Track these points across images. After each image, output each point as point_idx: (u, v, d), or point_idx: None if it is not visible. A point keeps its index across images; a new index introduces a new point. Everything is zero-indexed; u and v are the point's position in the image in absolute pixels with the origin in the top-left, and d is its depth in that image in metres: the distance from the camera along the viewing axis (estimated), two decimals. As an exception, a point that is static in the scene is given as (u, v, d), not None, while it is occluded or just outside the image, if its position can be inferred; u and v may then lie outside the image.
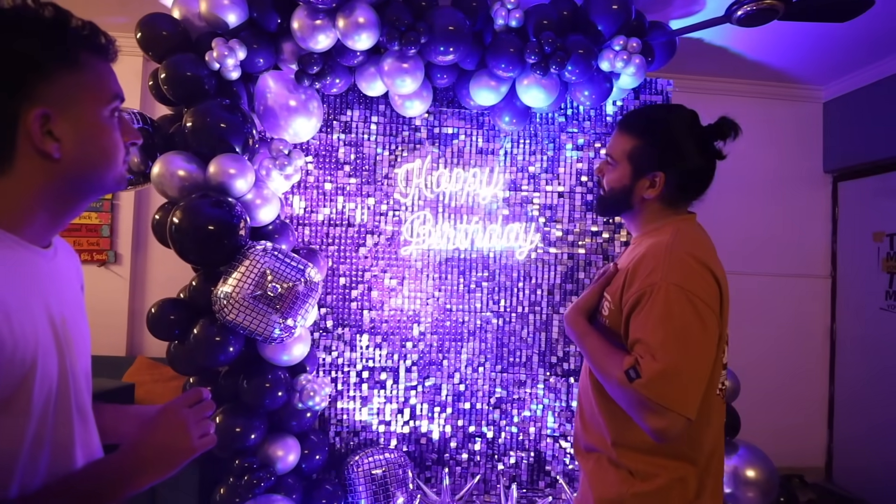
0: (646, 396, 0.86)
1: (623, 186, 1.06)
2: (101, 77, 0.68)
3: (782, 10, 1.63)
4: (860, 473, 3.03)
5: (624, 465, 1.01)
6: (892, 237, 2.87)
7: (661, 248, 0.97)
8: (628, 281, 0.98)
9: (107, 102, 0.68)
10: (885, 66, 2.82)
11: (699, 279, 0.94)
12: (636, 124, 1.08)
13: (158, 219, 1.82)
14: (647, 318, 0.92)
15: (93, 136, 0.67)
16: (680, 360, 0.87)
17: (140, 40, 1.83)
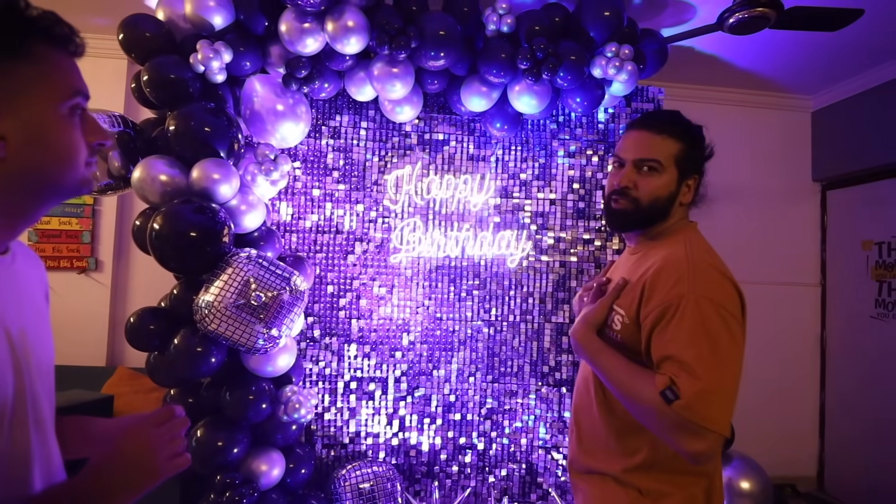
0: (686, 418, 0.81)
1: (670, 193, 1.02)
2: (59, 71, 0.63)
3: (774, 19, 1.62)
4: (852, 482, 3.02)
5: (634, 484, 0.97)
6: (881, 245, 2.88)
7: (681, 259, 0.94)
8: (647, 293, 0.93)
9: (65, 98, 0.63)
10: (872, 76, 2.85)
11: (725, 291, 0.91)
12: (676, 127, 1.04)
13: (139, 225, 1.76)
14: (676, 332, 0.87)
15: (45, 134, 0.61)
16: (718, 377, 0.83)
17: (122, 41, 1.79)
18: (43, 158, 0.62)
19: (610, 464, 1.00)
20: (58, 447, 0.70)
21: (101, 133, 0.67)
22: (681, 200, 1.04)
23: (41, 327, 0.70)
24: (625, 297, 0.99)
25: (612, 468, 0.99)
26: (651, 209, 1.02)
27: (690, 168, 1.03)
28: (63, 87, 0.63)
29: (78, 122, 0.65)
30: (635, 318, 0.95)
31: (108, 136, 0.69)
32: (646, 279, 0.95)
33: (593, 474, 1.05)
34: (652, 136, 1.02)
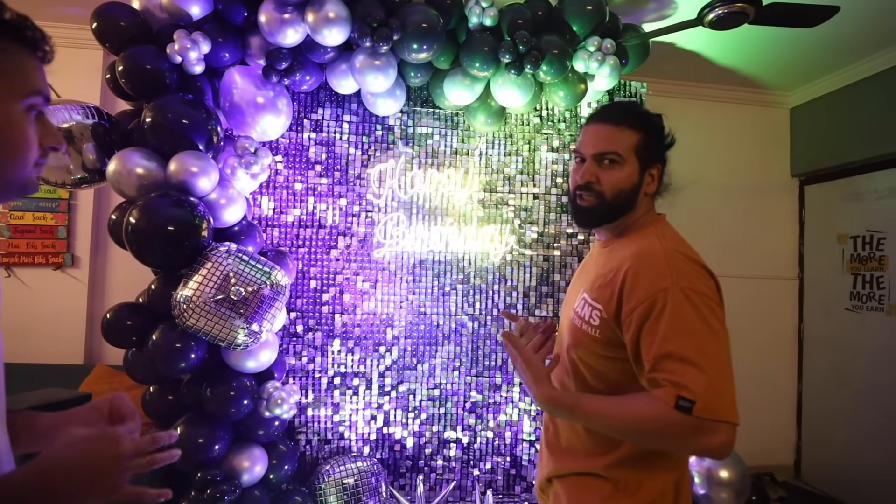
0: (705, 418, 0.80)
1: (632, 185, 1.01)
2: (21, 70, 0.63)
3: (752, 15, 1.64)
4: (827, 470, 3.10)
5: (612, 478, 0.97)
6: (855, 239, 2.95)
7: (658, 252, 0.93)
8: (628, 289, 0.91)
9: (21, 97, 0.62)
10: (847, 74, 2.91)
11: (704, 279, 0.91)
12: (633, 116, 1.02)
13: (115, 219, 1.72)
14: (670, 327, 0.85)
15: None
16: (720, 367, 0.83)
17: (96, 31, 1.74)
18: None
19: (591, 463, 1.00)
20: (8, 440, 0.68)
21: (55, 137, 0.67)
22: (645, 191, 1.03)
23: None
24: (602, 291, 0.97)
25: (594, 466, 0.99)
26: (616, 202, 1.01)
27: (652, 157, 1.02)
28: (22, 85, 0.62)
29: (33, 121, 0.64)
30: (615, 313, 0.93)
31: (62, 141, 0.69)
32: (624, 274, 0.93)
33: (566, 478, 1.04)
34: (610, 128, 1.01)
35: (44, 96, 0.65)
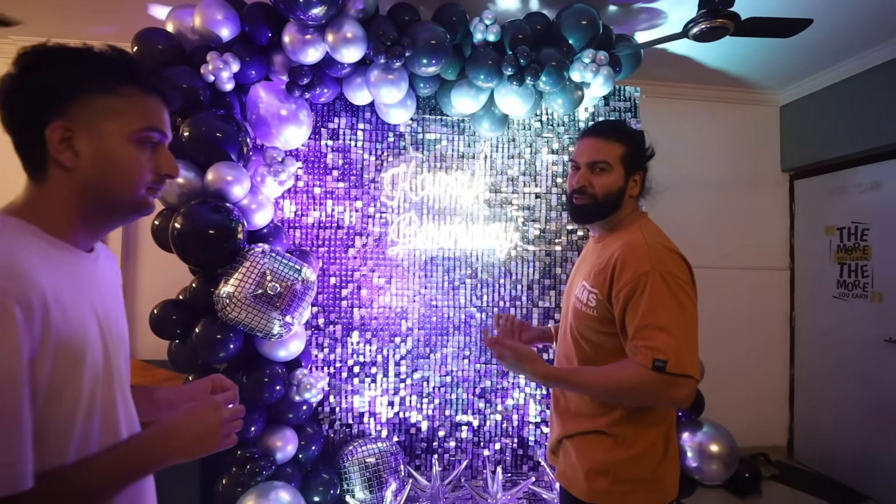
0: (675, 374, 1.00)
1: (618, 188, 1.22)
2: (133, 109, 0.74)
3: (732, 28, 1.80)
4: (819, 450, 3.26)
5: (613, 433, 1.16)
6: (842, 230, 3.11)
7: (640, 243, 1.14)
8: (617, 274, 1.12)
9: (136, 130, 0.74)
10: (834, 73, 3.06)
11: (678, 265, 1.12)
12: (619, 132, 1.24)
13: (158, 224, 1.90)
14: (649, 303, 1.05)
15: (110, 155, 0.73)
16: (686, 332, 1.04)
17: (137, 53, 1.92)
18: (107, 175, 0.73)
19: (596, 423, 1.19)
20: (134, 407, 0.85)
21: (170, 167, 0.79)
22: (629, 193, 1.24)
23: (119, 313, 0.84)
24: (597, 278, 1.18)
25: (598, 425, 1.18)
26: (606, 202, 1.22)
27: (635, 166, 1.23)
28: (136, 119, 0.74)
29: (147, 152, 0.76)
30: (608, 295, 1.14)
31: (177, 170, 0.80)
32: (614, 262, 1.14)
33: (574, 437, 1.23)
34: (600, 141, 1.23)
35: (158, 131, 0.77)
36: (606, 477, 1.15)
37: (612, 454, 1.16)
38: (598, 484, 1.16)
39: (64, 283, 0.69)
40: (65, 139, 0.70)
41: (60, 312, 0.66)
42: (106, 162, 0.72)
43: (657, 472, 1.15)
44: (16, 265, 0.63)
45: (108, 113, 0.72)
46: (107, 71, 0.73)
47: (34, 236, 0.70)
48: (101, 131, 0.72)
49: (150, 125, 0.75)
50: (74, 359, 0.68)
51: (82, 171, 0.71)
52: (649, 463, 1.15)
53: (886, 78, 2.79)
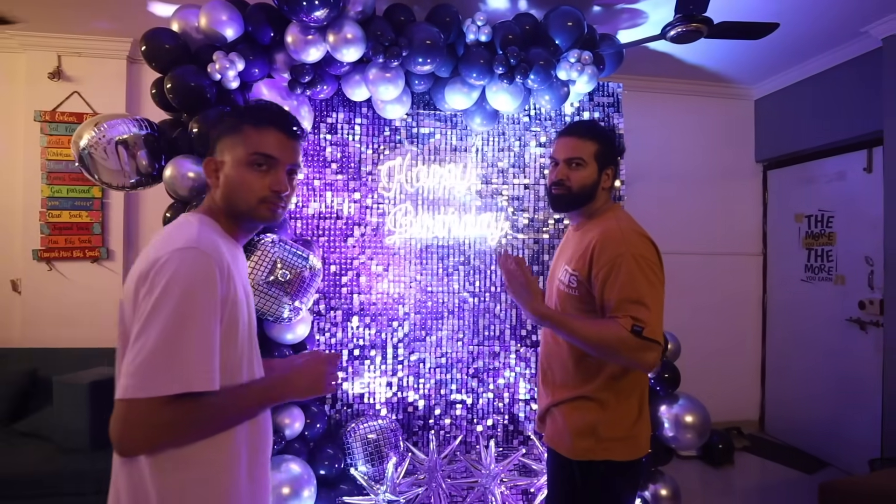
0: (648, 338, 1.16)
1: (592, 181, 1.38)
2: (248, 140, 0.97)
3: (706, 31, 1.95)
4: (788, 422, 3.51)
5: (598, 398, 1.32)
6: (809, 218, 3.32)
7: (616, 229, 1.29)
8: (596, 257, 1.27)
9: (244, 156, 0.97)
10: (805, 68, 3.24)
11: (648, 248, 1.29)
12: (593, 132, 1.40)
13: (170, 216, 2.00)
14: (626, 280, 1.21)
15: (230, 176, 0.97)
16: (656, 305, 1.21)
17: (145, 53, 2.00)
18: (229, 190, 0.98)
19: (580, 390, 1.35)
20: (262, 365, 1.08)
21: (278, 185, 0.98)
22: (602, 186, 1.40)
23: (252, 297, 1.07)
24: (578, 261, 1.33)
25: (583, 391, 1.34)
26: (581, 193, 1.38)
27: (607, 161, 1.39)
28: (245, 150, 0.97)
29: (262, 173, 0.97)
30: (587, 276, 1.30)
31: (285, 188, 0.99)
32: (593, 247, 1.30)
33: (562, 404, 1.39)
34: (576, 139, 1.38)
35: (263, 155, 0.96)
36: (591, 436, 1.31)
37: (595, 416, 1.32)
38: (583, 443, 1.32)
39: (232, 261, 0.94)
40: (210, 167, 1.00)
41: (231, 280, 0.90)
42: (228, 182, 0.98)
43: (633, 430, 1.33)
44: (215, 243, 0.90)
45: (230, 147, 0.98)
46: (235, 118, 1.00)
47: (217, 228, 0.97)
48: (226, 161, 0.98)
49: (255, 151, 0.97)
50: (236, 316, 0.92)
51: (221, 188, 0.99)
52: (627, 423, 1.32)
53: (849, 75, 2.98)
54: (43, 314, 2.91)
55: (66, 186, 2.93)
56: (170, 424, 0.81)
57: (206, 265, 0.84)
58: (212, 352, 0.83)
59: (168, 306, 0.80)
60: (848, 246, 3.06)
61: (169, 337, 0.79)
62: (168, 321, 0.80)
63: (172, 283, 0.81)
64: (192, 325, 0.81)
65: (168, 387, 0.78)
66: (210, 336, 0.83)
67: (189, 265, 0.83)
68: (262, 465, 1.01)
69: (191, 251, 0.84)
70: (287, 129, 0.99)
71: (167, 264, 0.82)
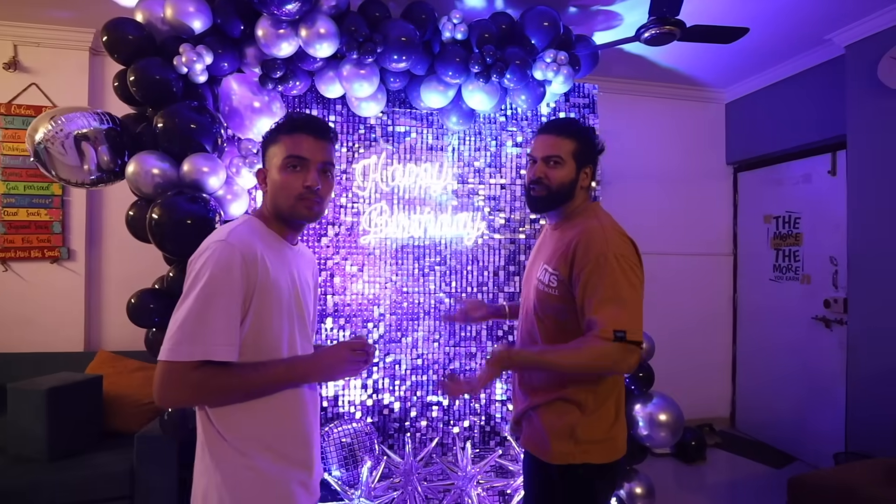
0: (630, 341, 1.15)
1: (571, 180, 1.35)
2: (283, 146, 1.09)
3: (679, 34, 1.97)
4: (757, 419, 3.59)
5: (576, 400, 1.29)
6: (777, 219, 3.40)
7: (597, 228, 1.27)
8: (578, 256, 1.24)
9: (281, 160, 1.08)
10: (773, 73, 3.33)
11: (628, 247, 1.27)
12: (571, 130, 1.37)
13: (133, 214, 1.92)
14: (608, 281, 1.18)
15: (273, 180, 1.10)
16: (637, 306, 1.20)
17: (106, 43, 1.92)
18: (273, 192, 1.10)
19: (559, 392, 1.32)
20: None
21: (310, 181, 1.07)
22: (581, 184, 1.37)
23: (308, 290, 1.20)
24: (559, 260, 1.31)
25: (561, 393, 1.31)
26: (559, 192, 1.36)
27: (585, 160, 1.37)
28: (282, 155, 1.08)
29: (298, 174, 1.08)
30: (568, 275, 1.28)
31: (316, 183, 1.08)
32: (574, 246, 1.27)
33: (537, 408, 1.36)
34: (554, 138, 1.36)
35: (296, 157, 1.07)
36: (570, 439, 1.29)
37: (573, 418, 1.30)
38: (562, 446, 1.30)
39: (272, 254, 1.06)
40: (260, 176, 1.13)
41: (265, 269, 1.01)
42: (272, 185, 1.10)
43: (611, 432, 1.31)
44: (246, 236, 1.02)
45: (273, 156, 1.11)
46: (273, 133, 1.12)
47: (260, 227, 1.10)
48: (270, 168, 1.11)
49: (289, 154, 1.08)
50: (271, 300, 1.03)
51: (269, 193, 1.12)
52: (605, 425, 1.30)
53: (814, 81, 3.07)
54: (-2, 317, 2.76)
55: (22, 183, 2.79)
56: (194, 386, 0.94)
57: (231, 255, 0.97)
58: (231, 328, 0.96)
59: (197, 287, 0.94)
60: (814, 246, 3.15)
61: (195, 312, 0.93)
62: (196, 299, 0.94)
63: (203, 268, 0.96)
64: (214, 304, 0.94)
65: (191, 353, 0.92)
66: (230, 314, 0.96)
67: (217, 255, 0.96)
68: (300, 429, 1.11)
69: (220, 243, 0.98)
70: (315, 132, 1.10)
71: (203, 254, 0.98)
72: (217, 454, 1.02)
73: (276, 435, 1.06)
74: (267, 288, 1.02)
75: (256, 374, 1.00)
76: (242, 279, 0.97)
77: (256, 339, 1.01)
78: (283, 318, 1.06)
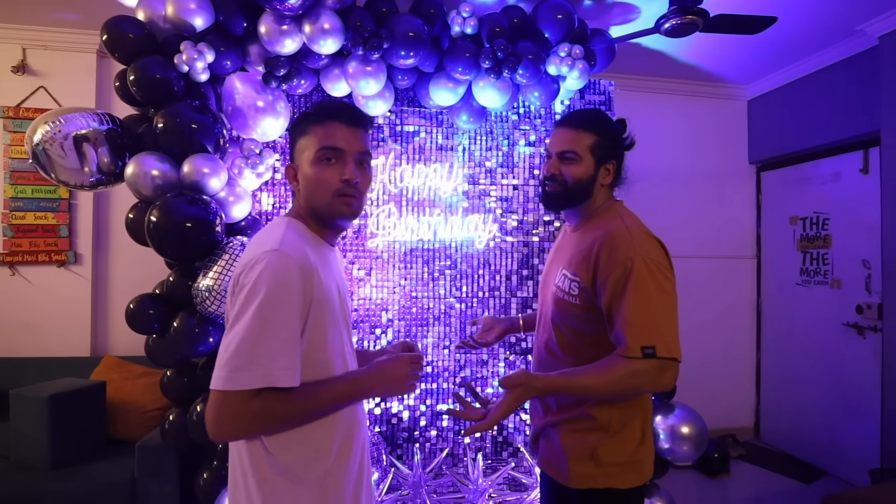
0: (665, 358, 1.03)
1: (588, 177, 1.24)
2: (315, 137, 0.99)
3: (701, 24, 1.86)
4: (783, 430, 3.42)
5: (599, 418, 1.17)
6: (804, 220, 3.25)
7: (622, 230, 1.16)
8: (602, 261, 1.12)
9: (314, 153, 0.98)
10: (798, 68, 3.18)
11: (658, 250, 1.15)
12: (591, 123, 1.25)
13: (133, 217, 1.86)
14: (636, 288, 1.06)
15: (306, 176, 1.00)
16: (670, 316, 1.08)
17: (106, 42, 1.87)
18: (307, 189, 1.00)
19: (580, 408, 1.20)
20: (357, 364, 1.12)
21: (348, 173, 0.98)
22: (601, 182, 1.26)
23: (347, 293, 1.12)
24: (580, 266, 1.19)
25: (583, 410, 1.19)
26: (575, 190, 1.24)
27: (606, 155, 1.25)
28: (314, 147, 0.98)
29: (332, 166, 0.98)
30: (592, 282, 1.16)
31: (355, 176, 0.98)
32: (598, 249, 1.15)
33: (556, 426, 1.24)
34: (570, 131, 1.25)
35: (331, 148, 0.97)
36: (591, 461, 1.18)
37: (596, 438, 1.18)
38: (582, 468, 1.18)
39: (320, 262, 0.97)
40: (290, 173, 1.04)
41: (319, 280, 0.93)
42: (305, 182, 1.00)
43: (636, 454, 1.19)
44: (298, 244, 0.93)
45: (303, 149, 1.00)
46: (303, 121, 1.02)
47: (304, 230, 1.01)
48: (301, 162, 1.01)
49: (322, 146, 0.98)
50: (325, 312, 0.95)
51: (302, 190, 1.02)
52: (630, 446, 1.18)
53: (844, 74, 2.92)
54: (6, 322, 2.74)
55: (30, 186, 2.77)
56: (254, 415, 0.85)
57: (288, 266, 0.88)
58: (293, 349, 0.87)
59: (253, 305, 0.85)
60: (844, 249, 2.99)
61: (253, 333, 0.84)
62: (253, 319, 0.85)
63: (258, 284, 0.86)
64: (274, 323, 0.86)
65: (252, 381, 0.83)
66: (292, 334, 0.87)
67: (273, 267, 0.87)
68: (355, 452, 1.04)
69: (274, 253, 0.88)
70: (348, 119, 1.00)
71: (255, 266, 0.88)
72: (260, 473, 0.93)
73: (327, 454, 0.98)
74: (321, 299, 0.94)
75: (317, 396, 0.91)
76: (301, 293, 0.89)
77: (313, 355, 0.93)
78: (337, 330, 1.00)
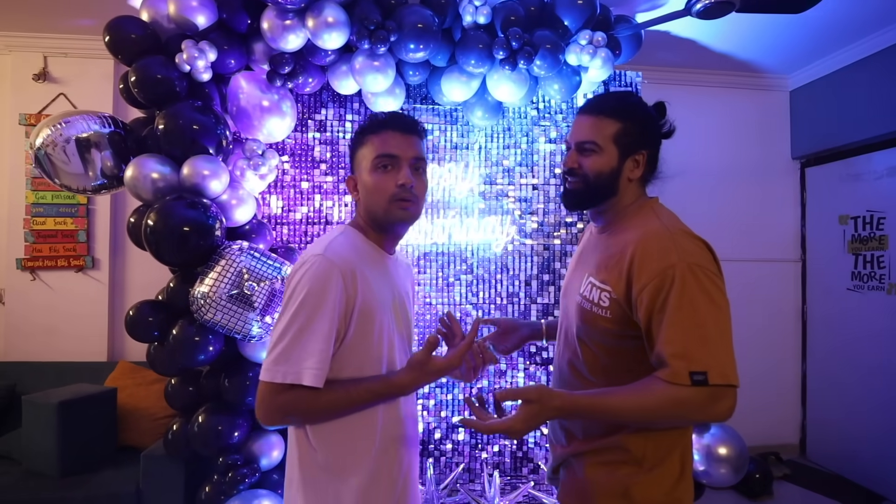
0: (718, 385, 0.86)
1: (612, 170, 1.05)
2: (371, 145, 1.03)
3: (738, 3, 1.68)
4: (833, 448, 3.14)
5: (631, 449, 1.00)
6: (856, 220, 2.97)
7: (660, 230, 0.98)
8: (637, 267, 0.95)
9: (371, 161, 1.02)
10: (847, 55, 2.92)
11: (704, 253, 0.96)
12: (615, 108, 1.07)
13: (134, 221, 1.82)
14: (681, 301, 0.89)
15: (364, 184, 1.04)
16: (723, 333, 0.90)
17: (109, 44, 1.83)
18: (366, 197, 1.04)
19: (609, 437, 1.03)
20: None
21: (403, 178, 1.01)
22: (628, 176, 1.07)
23: (408, 300, 1.16)
24: (609, 273, 1.01)
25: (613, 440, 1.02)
26: (598, 185, 1.06)
27: (633, 144, 1.06)
28: (373, 153, 1.02)
29: (388, 173, 1.01)
30: (626, 292, 0.97)
31: (409, 181, 1.01)
32: (631, 254, 0.97)
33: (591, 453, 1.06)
34: (591, 118, 1.07)
35: (387, 155, 1.01)
36: (623, 499, 1.00)
37: (627, 474, 1.01)
38: None
39: (371, 268, 1.02)
40: (351, 184, 1.09)
41: (365, 285, 0.98)
42: (364, 190, 1.05)
43: (674, 493, 1.00)
44: (343, 250, 0.99)
45: (361, 159, 1.05)
46: (359, 134, 1.07)
47: (358, 238, 1.06)
48: (360, 172, 1.06)
49: (378, 153, 1.02)
50: (372, 317, 0.99)
51: (361, 199, 1.06)
52: (667, 483, 1.00)
53: (902, 58, 2.65)
54: (26, 326, 2.77)
55: (50, 192, 2.79)
56: (283, 407, 0.92)
57: (329, 271, 0.93)
58: (324, 350, 0.92)
59: (294, 304, 0.93)
60: (902, 251, 2.71)
61: (290, 331, 0.92)
62: (292, 317, 0.92)
63: (301, 284, 0.93)
64: (309, 323, 0.92)
65: (283, 375, 0.90)
66: (325, 335, 0.92)
67: (315, 270, 0.93)
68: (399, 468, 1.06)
69: (318, 258, 0.94)
70: (401, 127, 1.04)
71: (300, 269, 0.95)
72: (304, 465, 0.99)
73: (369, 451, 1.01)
74: (367, 304, 0.98)
75: (347, 395, 0.96)
76: (341, 295, 0.94)
77: (356, 355, 0.99)
78: (383, 334, 1.02)
